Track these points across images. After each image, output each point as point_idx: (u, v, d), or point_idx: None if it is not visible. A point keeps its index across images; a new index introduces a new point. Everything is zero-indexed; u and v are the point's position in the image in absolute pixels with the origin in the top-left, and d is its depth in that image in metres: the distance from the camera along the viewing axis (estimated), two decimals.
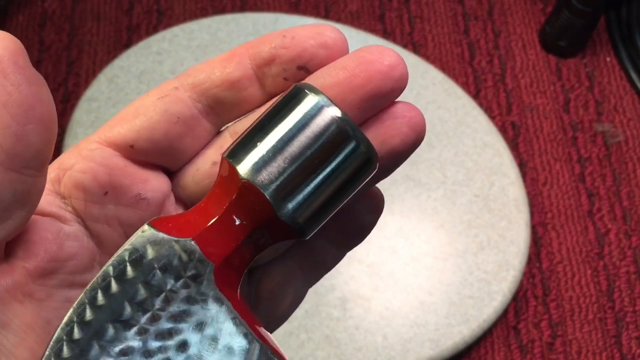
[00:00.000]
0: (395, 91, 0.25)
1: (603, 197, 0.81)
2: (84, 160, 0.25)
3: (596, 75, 0.88)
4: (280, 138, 0.23)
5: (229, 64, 0.26)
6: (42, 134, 0.22)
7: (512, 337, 0.75)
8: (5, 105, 0.21)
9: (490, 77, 0.88)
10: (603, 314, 0.76)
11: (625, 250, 0.79)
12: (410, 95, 0.83)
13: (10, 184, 0.22)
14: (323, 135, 0.23)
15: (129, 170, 0.26)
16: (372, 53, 0.25)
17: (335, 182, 0.24)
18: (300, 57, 0.25)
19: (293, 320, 0.70)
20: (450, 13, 0.91)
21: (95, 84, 0.81)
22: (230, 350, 0.23)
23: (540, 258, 0.78)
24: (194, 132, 0.26)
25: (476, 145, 0.81)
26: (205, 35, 0.85)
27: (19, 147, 0.22)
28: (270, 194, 0.23)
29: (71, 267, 0.25)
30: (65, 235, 0.25)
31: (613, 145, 0.85)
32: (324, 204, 0.24)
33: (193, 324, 0.23)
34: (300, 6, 0.90)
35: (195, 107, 0.26)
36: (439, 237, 0.76)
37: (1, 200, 0.22)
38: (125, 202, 0.26)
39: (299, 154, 0.23)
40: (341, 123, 0.23)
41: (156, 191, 0.26)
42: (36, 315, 0.24)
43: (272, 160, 0.23)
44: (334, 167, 0.23)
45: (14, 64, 0.22)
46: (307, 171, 0.23)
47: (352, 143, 0.23)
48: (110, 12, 0.89)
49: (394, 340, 0.71)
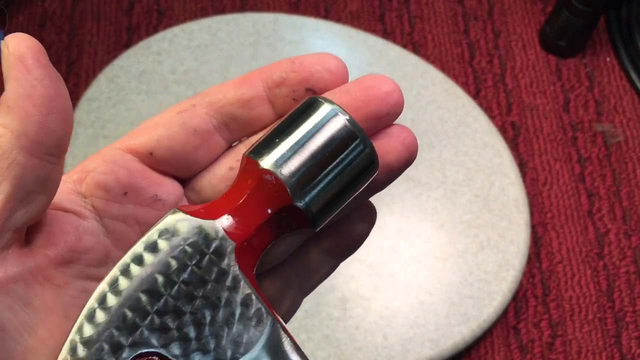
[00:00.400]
0: (391, 115, 0.28)
1: (603, 197, 0.82)
2: (106, 163, 0.28)
3: (596, 75, 0.89)
4: (298, 138, 0.27)
5: (243, 86, 0.29)
6: (62, 124, 0.25)
7: (512, 337, 0.75)
8: (30, 96, 0.24)
9: (490, 77, 0.88)
10: (603, 313, 0.76)
11: (625, 250, 0.79)
12: (411, 95, 0.83)
13: (34, 170, 0.25)
14: (335, 136, 0.27)
15: (147, 173, 0.28)
16: (372, 80, 0.28)
17: (345, 178, 0.27)
18: (308, 80, 0.29)
19: (293, 320, 0.70)
20: (450, 13, 0.91)
21: (95, 84, 0.81)
22: (248, 321, 0.25)
23: (540, 258, 0.78)
24: (208, 145, 0.29)
25: (476, 145, 0.81)
26: (205, 35, 0.85)
27: (42, 135, 0.24)
28: (288, 183, 0.26)
29: (87, 259, 0.27)
30: (84, 229, 0.27)
31: (613, 145, 0.85)
32: (334, 196, 0.27)
33: (215, 295, 0.25)
34: (300, 6, 0.90)
35: (210, 122, 0.29)
36: (439, 237, 0.76)
37: (25, 184, 0.25)
38: (143, 202, 0.28)
39: (314, 151, 0.26)
40: (351, 127, 0.27)
41: (171, 194, 0.29)
42: (55, 299, 0.26)
43: (290, 155, 0.26)
44: (344, 164, 0.27)
45: (36, 61, 0.24)
46: (320, 166, 0.26)
47: (360, 145, 0.27)
48: (110, 12, 0.89)
49: (394, 340, 0.71)
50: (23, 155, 0.24)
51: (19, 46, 0.24)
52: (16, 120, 0.24)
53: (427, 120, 0.82)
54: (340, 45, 0.85)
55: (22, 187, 0.25)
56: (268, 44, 0.85)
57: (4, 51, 0.24)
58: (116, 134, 0.79)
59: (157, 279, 0.25)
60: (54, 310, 0.26)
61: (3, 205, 0.24)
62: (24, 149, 0.24)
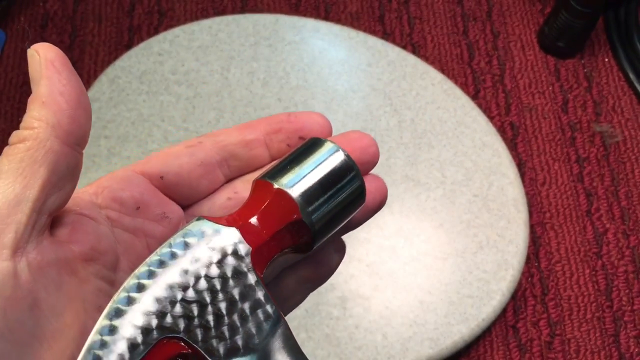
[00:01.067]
0: (369, 164, 0.34)
1: (601, 196, 0.82)
2: (122, 181, 0.32)
3: (594, 75, 0.89)
4: (306, 166, 0.31)
5: (245, 130, 0.34)
6: (87, 118, 0.29)
7: (511, 336, 0.75)
8: (62, 93, 0.28)
9: (489, 77, 0.88)
10: (601, 313, 0.76)
11: (624, 249, 0.79)
12: (410, 96, 0.83)
13: (66, 157, 0.28)
14: (336, 167, 0.32)
15: (157, 194, 0.32)
16: (355, 134, 0.34)
17: (341, 203, 0.32)
18: (301, 130, 0.34)
19: (293, 319, 0.70)
20: (449, 14, 0.92)
21: (96, 84, 0.81)
22: (261, 319, 0.29)
23: (539, 257, 0.79)
24: (211, 176, 0.33)
25: (475, 145, 0.81)
26: (206, 36, 0.85)
27: (73, 127, 0.28)
28: (298, 201, 0.30)
29: (104, 261, 0.30)
30: (102, 233, 0.30)
31: (611, 145, 0.85)
32: (332, 217, 0.32)
33: (234, 291, 0.28)
34: (300, 7, 0.91)
35: (214, 157, 0.33)
36: (438, 236, 0.76)
37: (59, 170, 0.28)
38: (152, 218, 0.32)
39: (318, 178, 0.31)
40: (349, 161, 0.32)
41: (175, 213, 0.32)
42: (77, 292, 0.28)
43: (299, 179, 0.31)
44: (341, 191, 0.32)
45: (64, 64, 0.28)
46: (323, 190, 0.31)
47: (355, 177, 0.32)
48: (111, 13, 0.89)
49: (394, 339, 0.71)
50: (57, 143, 0.27)
51: (48, 52, 0.28)
52: (51, 114, 0.28)
53: (426, 121, 0.82)
54: (340, 45, 0.86)
55: (56, 173, 0.28)
56: (268, 45, 0.85)
57: (34, 56, 0.28)
58: (117, 134, 0.79)
59: (184, 272, 0.28)
60: (75, 301, 0.28)
61: (41, 189, 0.27)
62: (59, 138, 0.28)
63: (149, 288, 0.27)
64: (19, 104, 0.83)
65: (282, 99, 0.82)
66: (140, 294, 0.27)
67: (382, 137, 0.81)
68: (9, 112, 0.83)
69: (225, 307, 0.28)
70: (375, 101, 0.83)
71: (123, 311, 0.27)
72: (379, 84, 0.84)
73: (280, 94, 0.82)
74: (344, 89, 0.83)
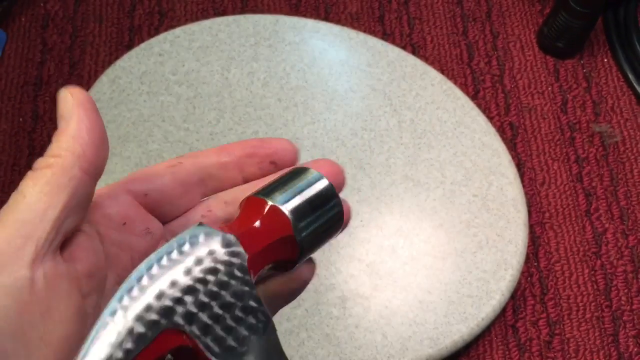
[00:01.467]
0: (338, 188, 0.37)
1: (600, 196, 0.82)
2: (110, 198, 0.34)
3: (594, 76, 0.89)
4: (295, 188, 0.34)
5: (221, 152, 0.37)
6: (107, 153, 0.32)
7: (511, 335, 0.75)
8: (89, 131, 0.31)
9: (488, 78, 0.88)
10: (600, 312, 0.77)
11: (623, 249, 0.80)
12: (410, 96, 0.83)
13: (85, 185, 0.31)
14: (321, 192, 0.35)
15: (142, 210, 0.35)
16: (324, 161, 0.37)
17: (324, 225, 0.35)
18: (272, 155, 0.37)
19: (293, 319, 0.71)
20: (449, 14, 0.92)
21: (97, 85, 0.82)
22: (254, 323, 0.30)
23: (538, 257, 0.79)
24: (189, 195, 0.36)
25: (475, 145, 0.81)
26: (206, 37, 0.85)
27: (96, 158, 0.31)
28: (290, 217, 0.33)
29: (99, 276, 0.32)
30: (97, 250, 0.32)
31: (610, 145, 0.85)
32: (317, 236, 0.35)
33: (231, 294, 0.30)
34: (300, 8, 0.91)
35: (193, 177, 0.36)
36: (437, 236, 0.77)
37: (77, 195, 0.30)
38: (137, 233, 0.34)
39: (306, 199, 0.34)
40: (330, 188, 0.35)
41: (157, 229, 0.35)
42: (80, 306, 0.31)
43: (290, 198, 0.34)
44: (325, 214, 0.35)
45: (92, 107, 0.32)
46: (311, 210, 0.34)
47: (337, 203, 0.35)
48: (112, 13, 0.89)
49: (393, 338, 0.71)
50: (80, 172, 0.31)
51: (80, 95, 0.31)
52: (78, 146, 0.31)
53: (426, 121, 0.82)
54: (340, 46, 0.86)
55: (75, 198, 0.30)
56: (268, 45, 0.85)
57: (67, 97, 0.31)
58: (117, 134, 0.79)
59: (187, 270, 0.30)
60: (79, 314, 0.30)
61: (61, 211, 0.30)
62: (82, 168, 0.31)
63: (152, 281, 0.29)
64: (19, 104, 0.83)
65: (282, 99, 0.82)
66: (145, 288, 0.29)
67: (382, 137, 0.81)
68: (10, 112, 0.83)
69: (223, 308, 0.30)
70: (375, 101, 0.83)
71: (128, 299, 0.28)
72: (378, 85, 0.84)
73: (280, 94, 0.83)
74: (344, 89, 0.83)
